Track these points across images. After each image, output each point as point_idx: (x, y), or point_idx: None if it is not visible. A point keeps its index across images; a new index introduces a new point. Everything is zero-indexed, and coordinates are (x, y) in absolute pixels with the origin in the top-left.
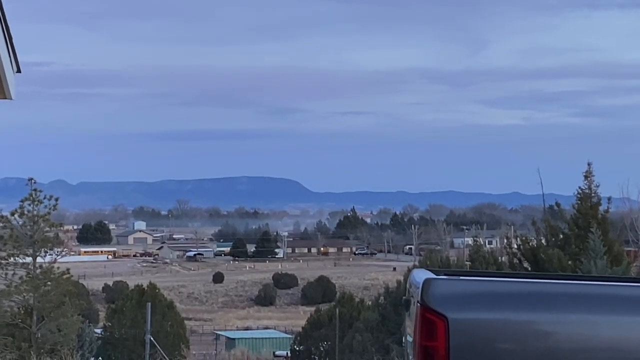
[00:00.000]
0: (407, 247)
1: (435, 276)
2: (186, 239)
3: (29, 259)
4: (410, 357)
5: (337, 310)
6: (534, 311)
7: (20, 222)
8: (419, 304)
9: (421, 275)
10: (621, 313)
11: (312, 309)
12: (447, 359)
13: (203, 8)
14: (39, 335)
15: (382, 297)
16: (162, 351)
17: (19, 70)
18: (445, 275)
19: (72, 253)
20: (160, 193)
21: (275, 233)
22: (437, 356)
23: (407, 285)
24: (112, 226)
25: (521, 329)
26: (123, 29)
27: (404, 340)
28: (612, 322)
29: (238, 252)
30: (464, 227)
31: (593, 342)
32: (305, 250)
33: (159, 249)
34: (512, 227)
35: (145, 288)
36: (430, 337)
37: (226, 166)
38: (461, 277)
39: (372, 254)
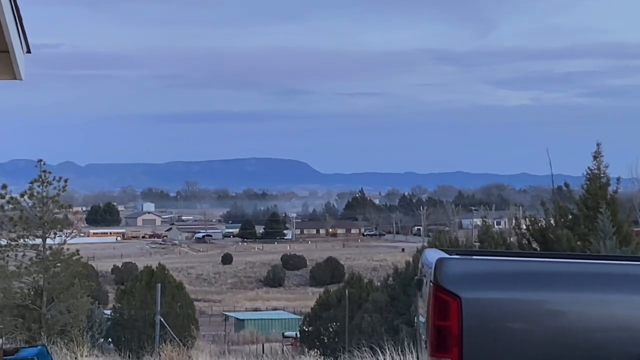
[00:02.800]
0: (416, 228)
1: (448, 256)
2: (195, 220)
3: (38, 241)
4: (423, 337)
5: (347, 291)
6: (546, 290)
7: (30, 204)
8: (431, 284)
9: (433, 255)
10: (632, 292)
11: (321, 290)
12: (460, 339)
13: None
14: (49, 316)
15: (390, 278)
16: (172, 332)
17: (29, 51)
18: (457, 255)
19: (82, 234)
20: (169, 175)
21: (283, 214)
22: (450, 336)
23: (419, 265)
24: (120, 208)
25: (534, 308)
26: (131, 11)
27: (415, 321)
28: (624, 300)
29: (247, 234)
30: (473, 208)
31: (605, 321)
32: (314, 231)
33: (167, 230)
34: (521, 207)
35: (155, 269)
36: (443, 317)
37: (235, 147)
38: (474, 257)
39: (380, 235)
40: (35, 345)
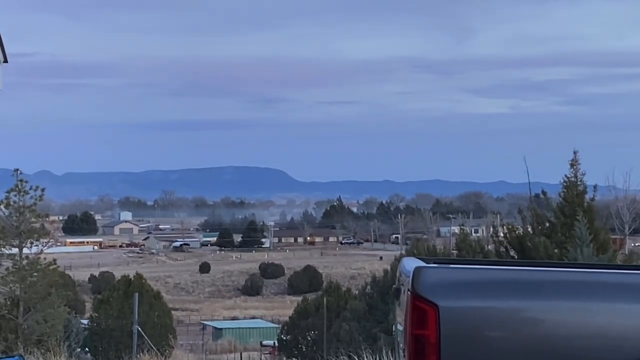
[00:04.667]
0: (394, 236)
1: (425, 264)
2: (172, 229)
3: (15, 250)
4: (401, 345)
5: (325, 299)
6: (525, 299)
7: (6, 213)
8: (409, 293)
9: (411, 263)
10: (610, 300)
11: (299, 298)
12: (438, 347)
13: None
14: (26, 326)
15: (369, 287)
16: (149, 341)
17: (5, 60)
18: (435, 263)
19: (58, 244)
20: (146, 183)
21: (261, 223)
22: (428, 344)
23: (397, 274)
24: (97, 217)
25: (512, 317)
26: (110, 19)
27: (394, 329)
28: (602, 309)
29: (224, 242)
30: (451, 216)
31: (584, 329)
32: (292, 240)
33: (145, 239)
34: (499, 215)
35: (132, 278)
36: (421, 326)
37: (212, 156)
38: (452, 266)
39: (358, 243)
40: (12, 355)
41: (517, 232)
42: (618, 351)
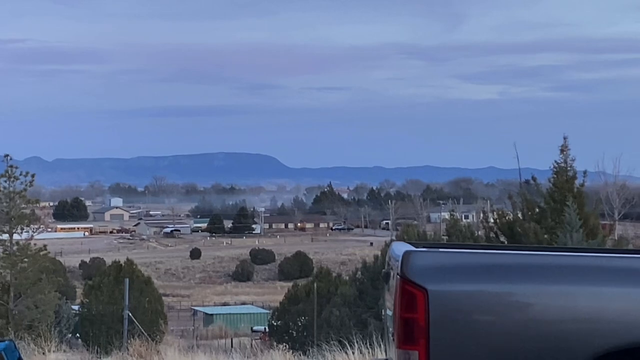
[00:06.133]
0: (384, 222)
1: (414, 248)
2: (163, 215)
3: (5, 236)
4: (390, 329)
5: (315, 285)
6: (514, 282)
7: None
8: (398, 277)
9: (401, 247)
10: (599, 284)
11: (290, 284)
12: (427, 331)
13: None
14: (16, 312)
15: (359, 272)
16: (140, 327)
17: None
18: (424, 247)
19: (49, 230)
20: (137, 169)
21: (252, 209)
22: (417, 328)
23: (387, 258)
24: (88, 203)
25: (501, 301)
26: (99, 5)
27: (383, 314)
28: (590, 293)
29: (215, 228)
30: (441, 202)
31: (572, 313)
32: (282, 225)
33: (135, 225)
34: (489, 201)
35: (123, 264)
36: (410, 309)
37: (203, 142)
38: (441, 250)
39: (349, 229)
40: (3, 340)
41: (507, 218)
42: (608, 335)
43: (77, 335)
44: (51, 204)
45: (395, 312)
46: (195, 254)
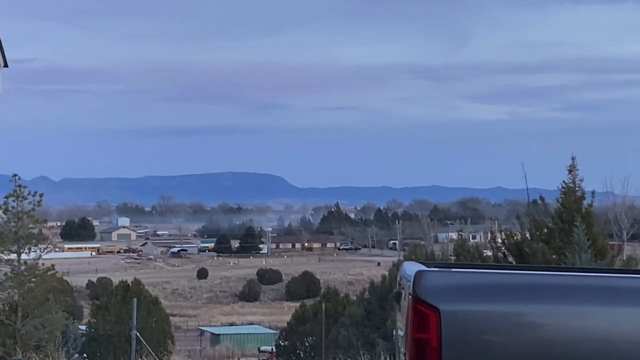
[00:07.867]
0: (391, 242)
1: (427, 268)
2: (170, 235)
3: (13, 256)
4: (402, 350)
5: (323, 305)
6: (524, 302)
7: (5, 219)
8: (410, 297)
9: (412, 267)
10: (610, 304)
11: (297, 304)
12: (439, 351)
13: (187, 5)
14: (24, 331)
15: (367, 292)
16: (147, 347)
17: (6, 65)
18: (436, 267)
19: (56, 249)
20: (144, 189)
21: (259, 229)
22: (429, 348)
23: (398, 278)
24: (95, 222)
25: (513, 321)
26: (107, 25)
27: (394, 334)
28: (601, 312)
29: (222, 248)
30: (448, 222)
31: (583, 333)
32: (290, 245)
33: (142, 245)
34: (496, 221)
35: (130, 284)
36: (422, 330)
37: (210, 162)
38: (453, 270)
39: (356, 249)
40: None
41: (515, 238)
42: (616, 354)
43: (85, 355)
44: (58, 223)
45: (407, 332)
46: (202, 273)
